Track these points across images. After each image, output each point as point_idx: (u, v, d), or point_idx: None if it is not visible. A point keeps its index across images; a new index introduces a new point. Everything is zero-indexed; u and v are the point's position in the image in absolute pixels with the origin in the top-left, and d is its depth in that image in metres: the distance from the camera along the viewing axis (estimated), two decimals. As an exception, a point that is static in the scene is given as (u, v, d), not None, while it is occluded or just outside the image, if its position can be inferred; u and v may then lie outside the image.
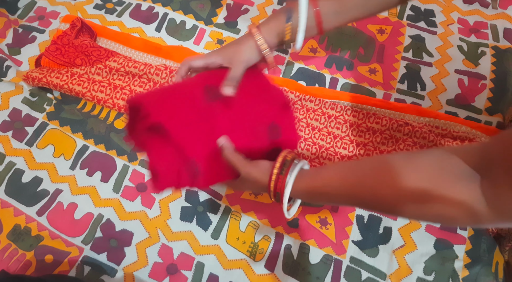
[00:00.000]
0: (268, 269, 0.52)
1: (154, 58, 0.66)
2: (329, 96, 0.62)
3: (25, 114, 0.62)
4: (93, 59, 0.63)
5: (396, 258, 0.53)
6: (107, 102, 0.61)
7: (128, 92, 0.62)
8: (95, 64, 0.63)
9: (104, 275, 0.52)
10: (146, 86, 0.62)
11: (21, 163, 0.59)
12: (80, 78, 0.62)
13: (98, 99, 0.61)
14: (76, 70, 0.62)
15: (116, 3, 0.73)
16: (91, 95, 0.61)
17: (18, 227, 0.55)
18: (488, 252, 0.52)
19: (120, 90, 0.62)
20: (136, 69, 0.62)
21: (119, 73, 0.63)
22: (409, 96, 0.64)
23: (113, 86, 0.62)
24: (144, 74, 0.62)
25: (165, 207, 0.56)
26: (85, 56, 0.64)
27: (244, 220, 0.55)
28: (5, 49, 0.68)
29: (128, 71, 0.62)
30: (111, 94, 0.61)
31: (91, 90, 0.61)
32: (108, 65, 0.62)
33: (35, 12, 0.73)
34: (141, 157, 0.59)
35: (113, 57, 0.63)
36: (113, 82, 0.62)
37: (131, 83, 0.62)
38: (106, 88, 0.62)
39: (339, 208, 0.56)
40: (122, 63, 0.62)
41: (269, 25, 0.43)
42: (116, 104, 0.61)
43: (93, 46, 0.64)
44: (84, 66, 0.63)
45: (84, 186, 0.57)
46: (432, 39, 0.68)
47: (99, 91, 0.61)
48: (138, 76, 0.62)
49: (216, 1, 0.74)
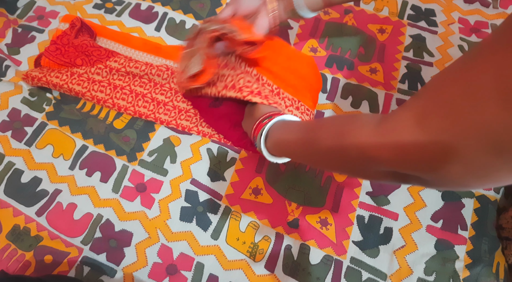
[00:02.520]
0: (268, 269, 0.52)
1: (154, 58, 0.66)
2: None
3: (24, 114, 0.62)
4: (93, 59, 0.63)
5: (396, 258, 0.52)
6: (107, 102, 0.61)
7: (128, 92, 0.61)
8: (96, 64, 0.63)
9: (103, 275, 0.52)
10: (147, 86, 0.62)
11: (20, 163, 0.59)
12: (80, 78, 0.62)
13: (98, 99, 0.61)
14: (76, 70, 0.62)
15: (116, 3, 0.73)
16: (90, 95, 0.61)
17: (18, 227, 0.55)
18: (489, 253, 0.52)
19: (120, 90, 0.61)
20: (137, 70, 0.61)
21: (120, 73, 0.62)
22: (410, 96, 0.64)
23: (113, 86, 0.62)
24: (145, 74, 0.62)
25: (165, 207, 0.56)
26: (86, 56, 0.63)
27: (244, 220, 0.55)
28: (4, 49, 0.68)
29: (129, 71, 0.62)
30: (111, 94, 0.61)
31: (91, 90, 0.61)
32: (108, 65, 0.62)
33: (35, 12, 0.73)
34: (140, 157, 0.59)
35: (113, 58, 0.63)
36: (113, 82, 0.62)
37: (131, 83, 0.62)
38: (106, 88, 0.61)
39: (340, 209, 0.56)
40: (123, 63, 0.62)
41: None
42: (116, 104, 0.61)
43: (93, 46, 0.64)
44: (85, 66, 0.63)
45: (84, 186, 0.57)
46: (432, 39, 0.68)
47: (99, 91, 0.61)
48: (139, 76, 0.62)
49: (215, 1, 0.74)
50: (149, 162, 0.59)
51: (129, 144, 0.60)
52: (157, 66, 0.62)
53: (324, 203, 0.56)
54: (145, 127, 0.61)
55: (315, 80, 0.61)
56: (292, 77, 0.57)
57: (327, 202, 0.56)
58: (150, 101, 0.61)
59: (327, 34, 0.70)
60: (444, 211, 0.55)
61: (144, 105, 0.61)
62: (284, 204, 0.56)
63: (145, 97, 0.61)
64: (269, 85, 0.57)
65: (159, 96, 0.61)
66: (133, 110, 0.61)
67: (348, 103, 0.63)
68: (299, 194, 0.57)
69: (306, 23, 0.71)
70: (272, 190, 0.57)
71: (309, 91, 0.59)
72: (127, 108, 0.61)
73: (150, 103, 0.61)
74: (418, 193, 0.56)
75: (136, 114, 0.61)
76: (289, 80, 0.57)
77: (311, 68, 0.61)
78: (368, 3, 0.74)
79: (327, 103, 0.63)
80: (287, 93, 0.57)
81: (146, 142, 0.60)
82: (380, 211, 0.55)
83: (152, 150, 0.60)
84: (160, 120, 0.60)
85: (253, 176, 0.58)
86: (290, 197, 0.57)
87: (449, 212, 0.55)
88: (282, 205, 0.56)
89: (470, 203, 0.55)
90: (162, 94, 0.62)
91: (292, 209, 0.56)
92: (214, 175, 0.58)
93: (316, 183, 0.57)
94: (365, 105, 0.63)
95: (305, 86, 0.58)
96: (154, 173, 0.58)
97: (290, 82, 0.57)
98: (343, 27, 0.71)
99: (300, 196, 0.57)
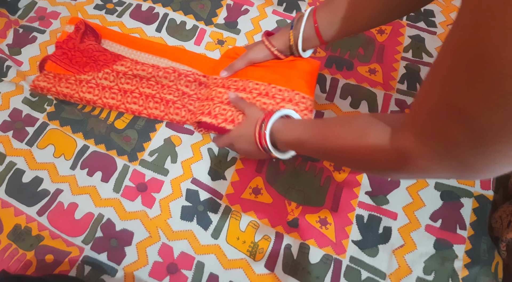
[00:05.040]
0: (268, 268, 0.53)
1: (160, 59, 0.66)
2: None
3: (25, 114, 0.62)
4: (100, 64, 0.63)
5: (395, 257, 0.53)
6: (119, 107, 0.61)
7: (138, 95, 0.61)
8: (102, 69, 0.62)
9: (104, 274, 0.52)
10: (155, 87, 0.62)
11: (21, 163, 0.59)
12: (89, 85, 0.61)
13: (109, 105, 0.61)
14: (84, 77, 0.62)
15: (117, 4, 0.74)
16: (102, 102, 0.61)
17: (19, 227, 0.55)
18: (488, 252, 0.52)
19: (130, 94, 0.61)
20: (144, 72, 0.61)
21: (127, 76, 0.62)
22: (409, 96, 0.64)
23: (123, 91, 0.62)
24: (152, 76, 0.62)
25: (166, 207, 0.56)
26: (93, 62, 0.63)
27: (244, 219, 0.55)
28: (5, 49, 0.68)
29: (136, 74, 0.62)
30: (122, 100, 0.61)
31: (102, 98, 0.61)
32: (115, 69, 0.62)
33: (36, 13, 0.73)
34: (141, 157, 0.59)
35: (120, 61, 0.63)
36: (122, 87, 0.62)
37: (139, 86, 0.62)
38: (117, 94, 0.61)
39: (339, 208, 0.56)
40: (129, 66, 0.62)
41: (278, 32, 0.54)
42: (129, 109, 0.61)
43: (99, 50, 0.64)
44: (92, 72, 0.62)
45: (85, 186, 0.57)
46: (431, 40, 0.69)
47: (110, 97, 0.61)
48: (146, 78, 0.62)
49: (216, 2, 0.74)
50: (150, 162, 0.59)
51: (130, 144, 0.60)
52: (164, 68, 0.62)
53: (324, 202, 0.56)
54: (146, 127, 0.62)
55: (308, 66, 0.57)
56: (281, 69, 0.56)
57: (326, 202, 0.56)
58: (159, 101, 0.61)
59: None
60: (443, 211, 0.55)
61: (155, 106, 0.61)
62: (284, 203, 0.57)
63: (154, 98, 0.62)
64: (256, 88, 0.55)
65: (167, 96, 0.62)
66: (147, 113, 0.61)
67: (347, 104, 0.64)
68: (299, 193, 0.57)
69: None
70: (272, 190, 0.57)
71: (302, 77, 0.55)
72: (140, 111, 0.61)
73: (160, 103, 0.61)
74: (417, 192, 0.56)
75: (151, 116, 0.61)
76: (277, 73, 0.56)
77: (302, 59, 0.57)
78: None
79: (326, 104, 0.64)
80: (278, 86, 0.55)
81: (147, 142, 0.60)
82: (379, 210, 0.56)
83: (153, 150, 0.60)
84: (175, 121, 0.61)
85: (253, 176, 0.58)
86: (290, 196, 0.57)
87: (448, 212, 0.55)
88: (282, 204, 0.57)
89: (469, 203, 0.55)
90: (170, 94, 0.62)
91: (292, 208, 0.56)
92: (215, 174, 0.58)
93: (316, 182, 0.58)
94: (364, 106, 0.63)
95: (296, 73, 0.55)
96: (155, 173, 0.58)
97: (279, 74, 0.55)
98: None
99: (300, 196, 0.57)
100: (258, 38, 0.70)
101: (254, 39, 0.70)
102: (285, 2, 0.74)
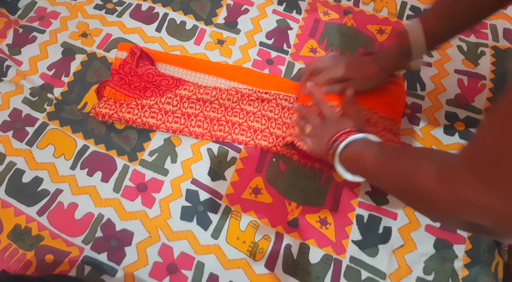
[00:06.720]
0: (268, 268, 0.53)
1: (217, 79, 0.65)
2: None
3: (25, 114, 0.62)
4: (163, 89, 0.62)
5: (395, 257, 0.53)
6: (182, 131, 0.60)
7: (202, 118, 0.61)
8: (165, 94, 0.61)
9: (104, 274, 0.52)
10: (219, 111, 0.62)
11: (21, 163, 0.59)
12: (151, 109, 0.61)
13: (173, 129, 0.60)
14: (146, 102, 0.61)
15: (116, 4, 0.74)
16: (165, 126, 0.60)
17: (19, 227, 0.55)
18: (488, 252, 0.52)
19: (194, 117, 0.61)
20: (208, 95, 0.61)
21: (190, 101, 0.61)
22: (409, 96, 0.64)
23: (187, 115, 0.61)
24: (215, 100, 0.61)
25: (166, 207, 0.56)
26: (155, 87, 0.62)
27: (244, 219, 0.55)
28: (5, 49, 0.68)
29: (200, 98, 0.61)
30: (186, 123, 0.60)
31: (166, 122, 0.60)
32: (178, 93, 0.61)
33: (36, 12, 0.73)
34: (141, 157, 0.59)
35: (182, 86, 0.62)
36: (186, 111, 0.61)
37: (203, 109, 0.62)
38: (180, 118, 0.61)
39: (339, 208, 0.56)
40: (193, 90, 0.61)
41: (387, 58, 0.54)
42: (193, 132, 0.60)
43: (159, 75, 0.63)
44: (154, 97, 0.61)
45: (85, 185, 0.57)
46: (431, 39, 0.68)
47: (174, 122, 0.60)
48: (209, 102, 0.62)
49: (216, 1, 0.74)
50: (150, 162, 0.59)
51: (130, 144, 0.60)
52: (226, 90, 0.61)
53: (324, 202, 0.56)
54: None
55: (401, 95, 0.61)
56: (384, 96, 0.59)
57: (326, 202, 0.56)
58: (224, 123, 0.61)
59: (326, 34, 0.70)
60: (443, 211, 0.55)
61: (219, 128, 0.61)
62: (284, 203, 0.57)
63: (219, 121, 0.61)
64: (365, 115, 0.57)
65: (233, 118, 0.61)
66: (210, 135, 0.60)
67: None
68: (299, 193, 0.57)
69: (306, 24, 0.72)
70: (272, 190, 0.57)
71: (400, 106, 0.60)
72: (203, 134, 0.60)
73: (225, 125, 0.61)
74: (417, 192, 0.56)
75: (213, 138, 0.60)
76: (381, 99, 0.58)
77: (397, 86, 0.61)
78: (368, 3, 0.74)
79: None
80: (380, 114, 0.57)
81: (147, 142, 0.60)
82: (379, 210, 0.56)
83: (153, 150, 0.60)
84: (238, 141, 0.60)
85: (253, 176, 0.58)
86: (290, 196, 0.57)
87: (448, 212, 0.55)
88: (282, 204, 0.57)
89: (469, 203, 0.55)
90: (235, 116, 0.62)
91: (292, 208, 0.56)
92: (215, 175, 0.58)
93: (316, 182, 0.58)
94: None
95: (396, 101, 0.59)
96: (155, 173, 0.58)
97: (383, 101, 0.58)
98: (342, 27, 0.71)
99: (300, 196, 0.57)
100: (258, 38, 0.70)
101: (254, 39, 0.70)
102: (285, 2, 0.74)
